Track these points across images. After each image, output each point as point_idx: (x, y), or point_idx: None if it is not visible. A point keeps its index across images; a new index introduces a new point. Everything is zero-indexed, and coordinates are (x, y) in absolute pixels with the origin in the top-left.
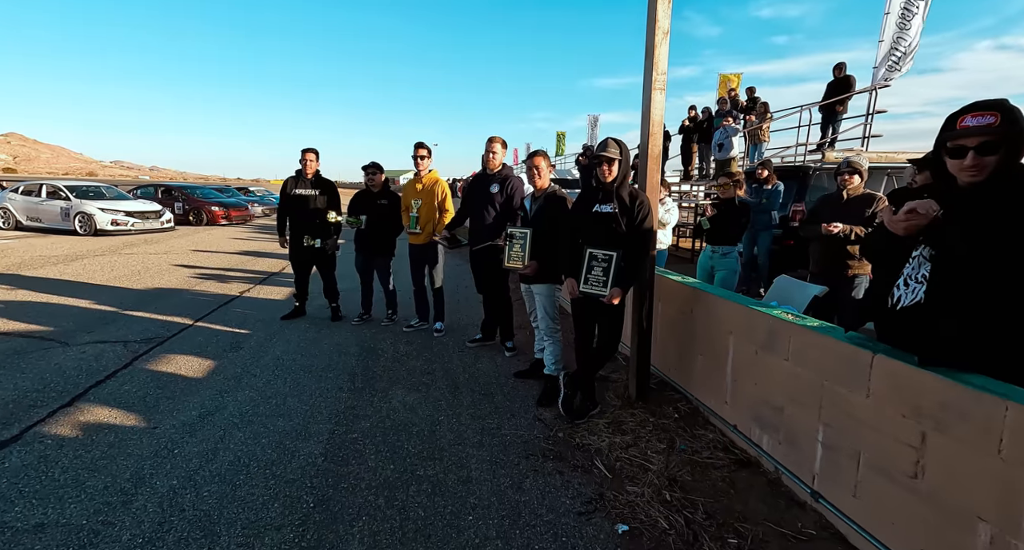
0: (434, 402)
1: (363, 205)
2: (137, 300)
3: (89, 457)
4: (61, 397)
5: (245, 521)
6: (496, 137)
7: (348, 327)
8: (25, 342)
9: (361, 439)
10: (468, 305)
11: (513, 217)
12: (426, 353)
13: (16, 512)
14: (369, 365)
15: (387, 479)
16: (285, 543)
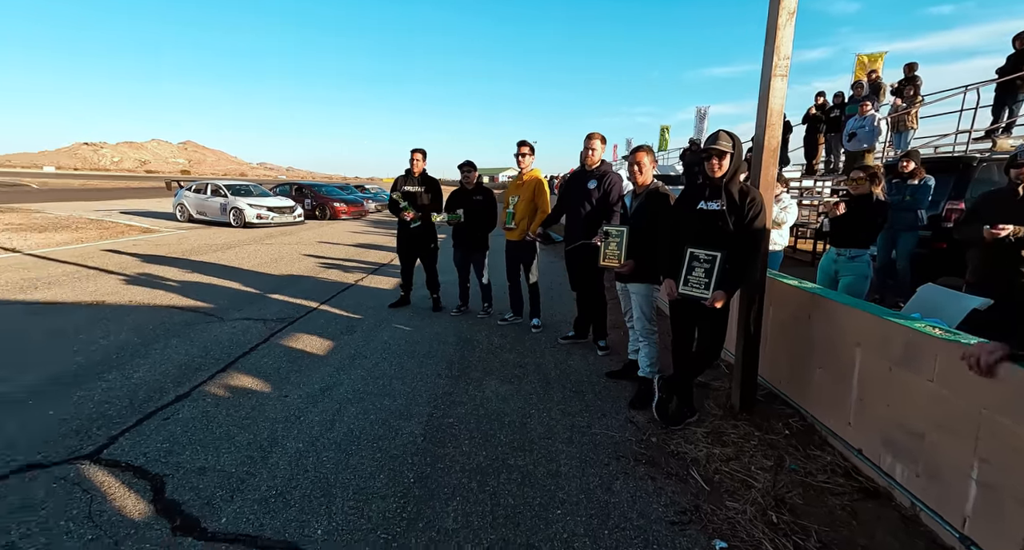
0: (525, 395)
1: (459, 202)
2: (274, 284)
3: (237, 416)
4: (217, 363)
5: (356, 488)
6: (595, 133)
7: (447, 317)
8: (193, 316)
9: (456, 424)
10: (562, 302)
11: (610, 214)
12: (519, 347)
13: (186, 455)
14: (465, 355)
15: (480, 464)
16: (389, 512)
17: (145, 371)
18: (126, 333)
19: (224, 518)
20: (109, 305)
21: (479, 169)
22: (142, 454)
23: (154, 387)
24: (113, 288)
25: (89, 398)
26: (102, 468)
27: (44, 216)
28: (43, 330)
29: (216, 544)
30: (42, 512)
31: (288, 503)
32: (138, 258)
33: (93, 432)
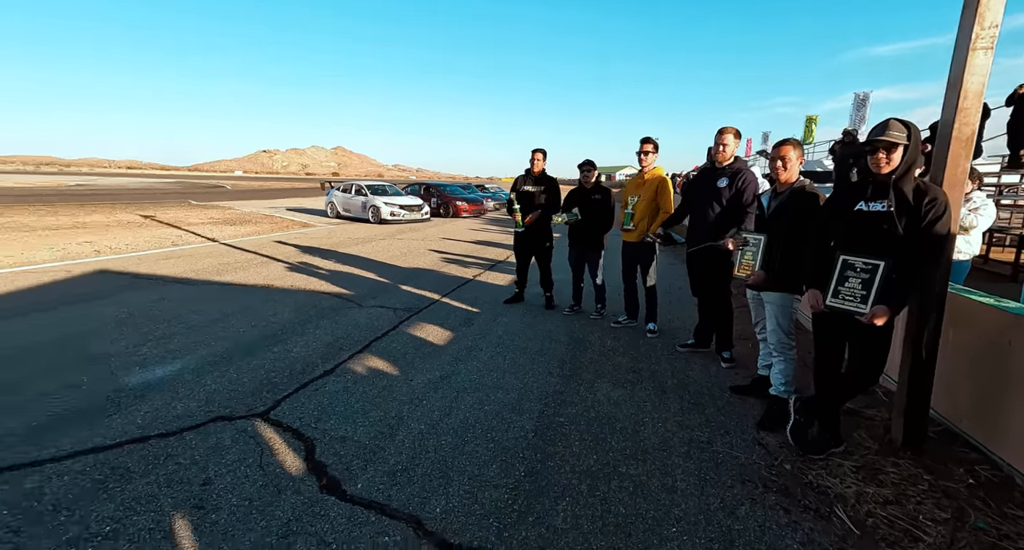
0: (639, 402)
1: (577, 201)
2: (403, 276)
3: (371, 394)
4: (356, 345)
5: (471, 474)
6: (728, 128)
7: (559, 316)
8: (338, 301)
9: (567, 424)
10: (680, 307)
11: (743, 216)
12: (633, 351)
13: (331, 424)
14: (577, 355)
15: (590, 468)
16: (500, 502)
17: (301, 347)
18: (288, 313)
19: (359, 484)
20: (276, 288)
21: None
22: (298, 419)
23: (308, 361)
24: (279, 274)
25: (261, 366)
26: (270, 426)
27: (234, 212)
28: (233, 306)
29: (353, 506)
30: (228, 456)
31: (411, 479)
32: (298, 249)
33: (263, 395)
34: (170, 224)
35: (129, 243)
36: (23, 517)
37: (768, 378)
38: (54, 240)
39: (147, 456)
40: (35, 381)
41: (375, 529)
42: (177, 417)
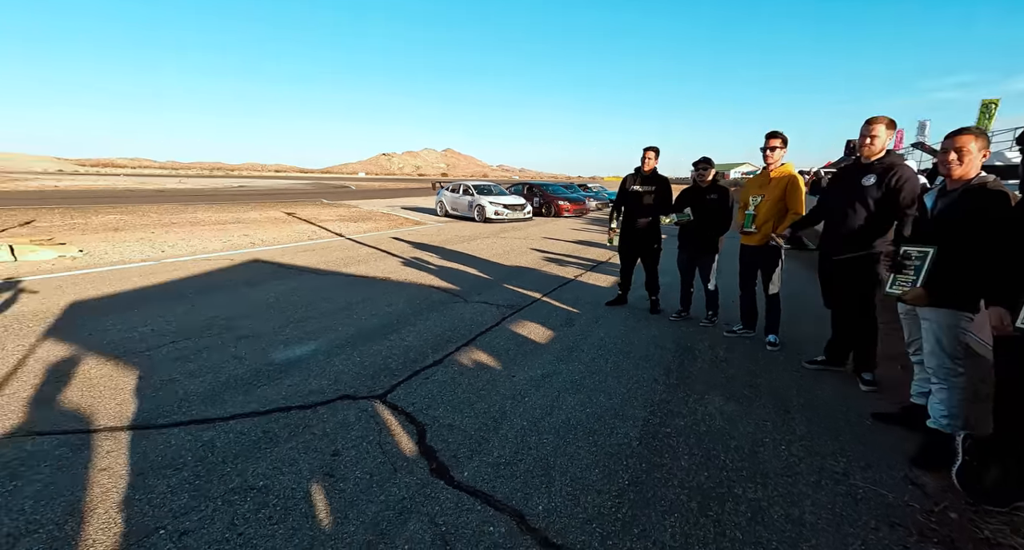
0: (757, 420)
1: (691, 200)
2: (505, 274)
3: (476, 386)
4: (462, 338)
5: (572, 475)
6: (879, 118)
7: (665, 322)
8: (446, 296)
9: (675, 436)
10: (805, 318)
11: (899, 219)
12: (750, 364)
13: (440, 411)
14: (685, 364)
15: (700, 485)
16: (604, 508)
17: (413, 337)
18: (402, 305)
19: (466, 472)
20: (392, 281)
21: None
22: (411, 404)
23: (419, 351)
24: (395, 268)
25: (379, 352)
26: (387, 408)
27: (357, 210)
28: (356, 296)
29: (460, 493)
30: (352, 432)
31: (514, 473)
32: (411, 245)
33: (381, 379)
34: (307, 220)
35: (276, 236)
36: (201, 466)
37: (924, 407)
38: (221, 233)
39: (289, 424)
40: (208, 353)
41: (480, 518)
42: (312, 392)
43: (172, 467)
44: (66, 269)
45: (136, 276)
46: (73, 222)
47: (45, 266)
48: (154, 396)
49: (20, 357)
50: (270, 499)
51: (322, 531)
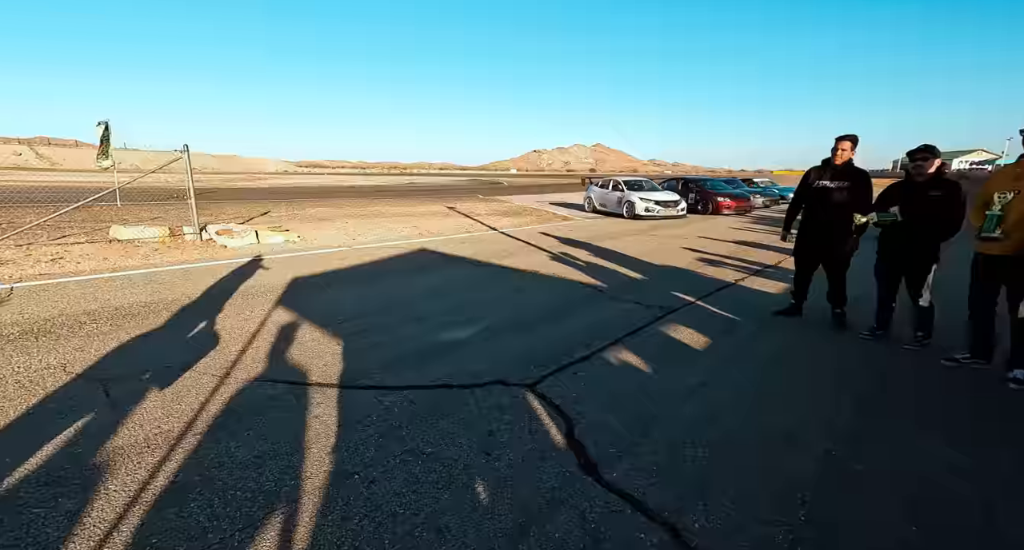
0: (1002, 481)
1: (902, 198)
2: (655, 273)
3: (624, 386)
4: (610, 336)
5: (732, 496)
6: None
7: (854, 340)
8: (593, 292)
9: (869, 476)
10: None
11: None
12: (982, 403)
13: (587, 408)
14: (883, 393)
15: (909, 542)
16: (773, 544)
17: (561, 331)
18: (551, 298)
19: (615, 473)
20: (541, 274)
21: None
22: (559, 396)
23: (567, 345)
24: (544, 262)
25: (529, 342)
26: (536, 397)
27: (508, 206)
28: (508, 287)
29: (609, 493)
30: (505, 416)
31: (667, 483)
32: (559, 240)
33: (531, 369)
34: (465, 214)
35: (439, 228)
36: (383, 426)
37: None
38: (396, 224)
39: (452, 401)
40: (388, 329)
41: (631, 523)
42: (470, 374)
43: (361, 424)
44: (289, 251)
45: (335, 259)
46: (293, 213)
47: (277, 248)
48: (347, 361)
49: (261, 320)
50: (436, 466)
51: (480, 503)
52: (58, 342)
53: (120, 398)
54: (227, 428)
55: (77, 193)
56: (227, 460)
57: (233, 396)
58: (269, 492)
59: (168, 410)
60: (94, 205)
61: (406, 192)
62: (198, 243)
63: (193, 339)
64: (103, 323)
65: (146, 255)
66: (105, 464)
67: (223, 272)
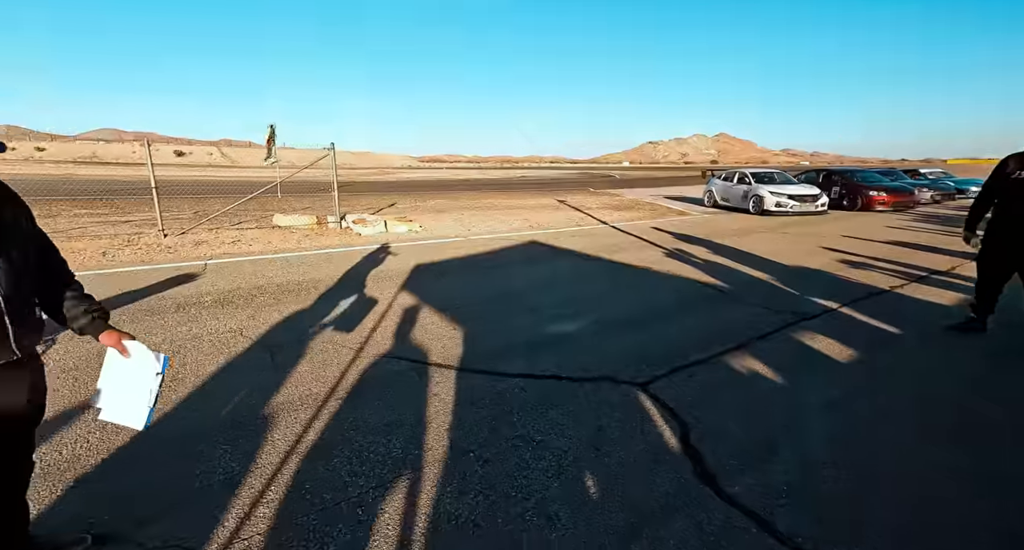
0: None
1: None
2: (785, 275)
3: (747, 395)
4: (732, 341)
5: (892, 540)
6: None
7: None
8: (713, 292)
9: None
10: None
11: None
12: None
13: (704, 414)
14: None
15: None
16: None
17: (675, 331)
18: (664, 296)
19: (737, 487)
20: (654, 271)
21: None
22: (674, 399)
23: (681, 346)
24: (657, 258)
25: (640, 341)
26: (648, 397)
27: (620, 199)
28: (619, 282)
29: (730, 507)
30: (615, 413)
31: (801, 509)
32: (673, 236)
33: (642, 367)
34: (575, 208)
35: (549, 221)
36: (496, 409)
37: None
38: (507, 217)
39: (561, 392)
40: (501, 317)
41: (757, 543)
42: (578, 367)
43: (476, 405)
44: (412, 239)
45: (452, 249)
46: (415, 205)
47: (402, 236)
48: (463, 345)
49: (389, 301)
50: (546, 454)
51: (590, 497)
52: (236, 310)
53: (281, 362)
54: (361, 396)
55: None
56: (362, 425)
57: (366, 369)
58: (397, 458)
59: (316, 375)
60: (261, 197)
61: (517, 185)
62: (338, 230)
63: (335, 315)
64: (268, 297)
65: (299, 240)
66: (271, 416)
67: (357, 257)
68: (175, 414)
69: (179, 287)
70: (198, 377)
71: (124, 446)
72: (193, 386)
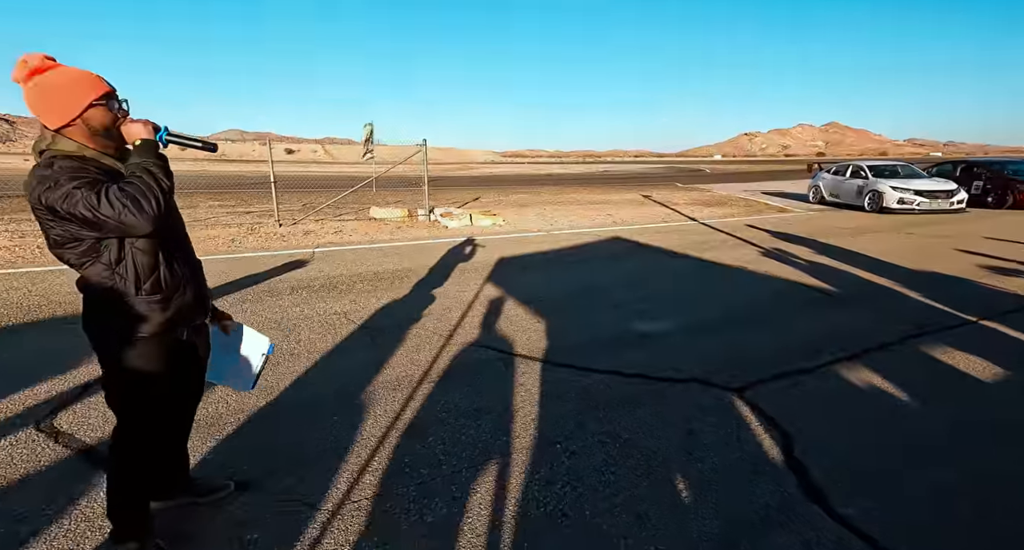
0: None
1: None
2: (909, 280)
3: (867, 411)
4: (843, 350)
5: None
6: None
7: None
8: (818, 296)
9: None
10: None
11: None
12: None
13: (811, 426)
14: None
15: None
16: None
17: (775, 335)
18: (761, 297)
19: (851, 508)
20: (749, 271)
21: None
22: (774, 408)
23: (783, 352)
24: (753, 257)
25: (735, 343)
26: (744, 403)
27: (711, 194)
28: (710, 281)
29: (841, 528)
30: (707, 418)
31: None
32: (771, 234)
33: (736, 372)
34: (661, 203)
35: (633, 217)
36: (581, 404)
37: None
38: (590, 212)
39: (649, 391)
40: (585, 312)
41: None
42: (666, 367)
43: (561, 399)
44: (496, 233)
45: (535, 243)
46: (498, 199)
47: (486, 229)
48: (547, 339)
49: (475, 292)
50: (634, 452)
51: (681, 500)
52: (341, 295)
53: (380, 344)
54: (451, 381)
55: (348, 181)
56: (452, 408)
57: (456, 355)
58: (486, 442)
59: (411, 359)
60: (359, 191)
61: (600, 180)
62: (427, 223)
63: (426, 303)
64: (367, 283)
65: (391, 231)
66: (373, 393)
67: (445, 249)
68: (295, 384)
69: (292, 272)
70: (311, 354)
71: (255, 409)
72: (308, 362)
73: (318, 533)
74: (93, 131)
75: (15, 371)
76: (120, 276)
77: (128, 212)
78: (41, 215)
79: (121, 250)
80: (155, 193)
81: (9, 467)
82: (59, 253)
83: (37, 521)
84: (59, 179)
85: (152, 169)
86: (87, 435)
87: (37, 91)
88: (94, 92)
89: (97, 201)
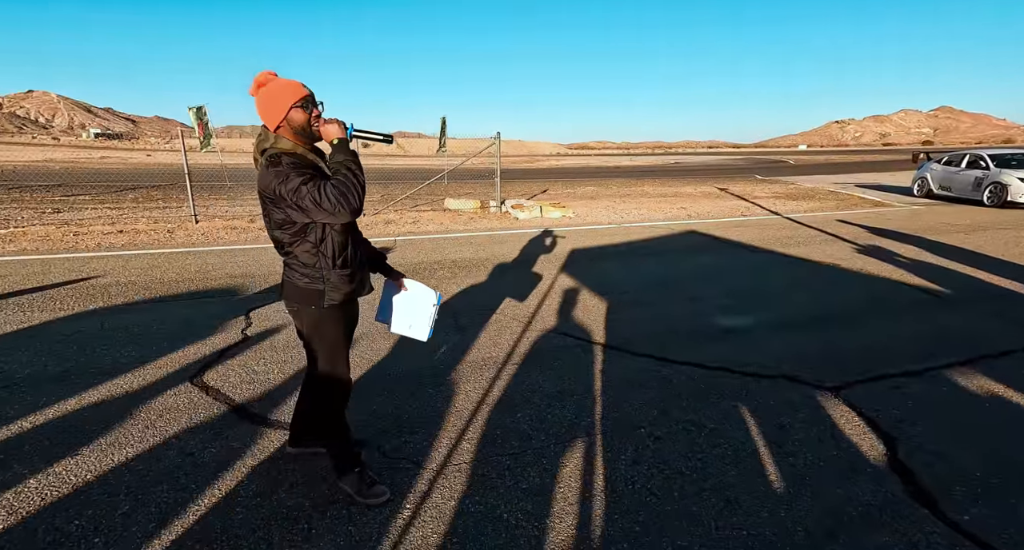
0: None
1: None
2: None
3: (985, 420)
4: (954, 354)
5: None
6: None
7: None
8: (922, 295)
9: None
10: None
11: None
12: None
13: (917, 431)
14: None
15: None
16: None
17: (874, 336)
18: (858, 296)
19: (967, 516)
20: (842, 268)
21: None
22: (874, 409)
23: (885, 353)
24: (846, 254)
25: (828, 341)
26: (840, 403)
27: (795, 187)
28: (798, 279)
29: (955, 534)
30: (799, 414)
31: None
32: (868, 230)
33: (830, 371)
34: (739, 196)
35: (709, 210)
36: (663, 392)
37: None
38: (662, 205)
39: (732, 384)
40: (663, 305)
41: None
42: (751, 363)
43: (643, 387)
44: (566, 225)
45: (606, 235)
46: (566, 191)
47: (556, 221)
48: (624, 328)
49: (550, 282)
50: (721, 442)
51: (773, 490)
52: (424, 280)
53: (465, 327)
54: (533, 364)
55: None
56: (537, 389)
57: (535, 341)
58: (571, 422)
59: (494, 342)
60: (433, 183)
61: (671, 172)
62: (498, 214)
63: (504, 290)
64: (446, 271)
65: (465, 222)
66: (462, 371)
67: (518, 240)
68: (398, 358)
69: None
70: None
71: (365, 375)
72: (401, 340)
73: (426, 488)
74: (295, 130)
75: (167, 336)
76: (323, 254)
77: (340, 205)
78: (269, 202)
79: (324, 231)
80: (357, 189)
81: (176, 412)
82: (276, 234)
83: (201, 455)
84: (289, 174)
85: (352, 167)
86: (229, 390)
87: (259, 100)
88: (294, 96)
89: (319, 195)
